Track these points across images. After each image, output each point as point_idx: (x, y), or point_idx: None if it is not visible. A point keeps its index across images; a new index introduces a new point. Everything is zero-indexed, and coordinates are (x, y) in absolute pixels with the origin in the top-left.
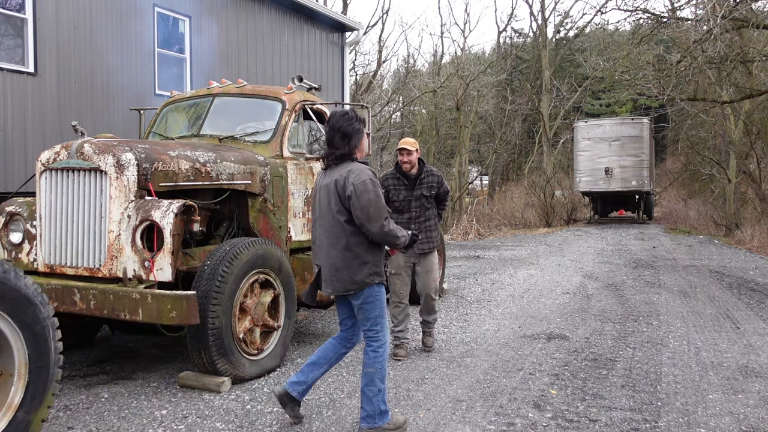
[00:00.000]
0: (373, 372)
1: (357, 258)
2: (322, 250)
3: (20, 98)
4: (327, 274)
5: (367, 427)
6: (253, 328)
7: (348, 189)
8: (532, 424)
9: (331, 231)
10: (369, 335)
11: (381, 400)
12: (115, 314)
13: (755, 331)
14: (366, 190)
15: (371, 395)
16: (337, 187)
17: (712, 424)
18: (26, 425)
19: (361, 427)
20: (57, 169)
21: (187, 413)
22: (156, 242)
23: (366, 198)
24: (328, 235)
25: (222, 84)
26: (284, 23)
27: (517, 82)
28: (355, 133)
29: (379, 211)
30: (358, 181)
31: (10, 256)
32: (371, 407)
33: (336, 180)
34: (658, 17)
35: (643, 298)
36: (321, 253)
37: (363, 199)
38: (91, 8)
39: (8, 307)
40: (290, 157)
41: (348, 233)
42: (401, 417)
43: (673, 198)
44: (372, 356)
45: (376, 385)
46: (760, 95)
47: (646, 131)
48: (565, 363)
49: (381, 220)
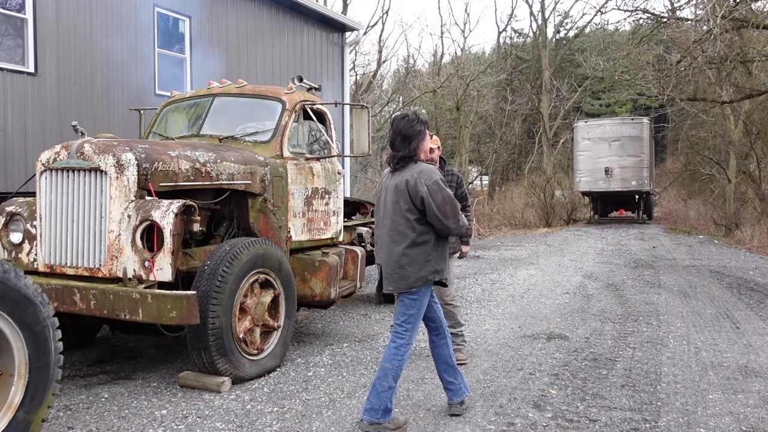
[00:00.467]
0: (389, 368)
1: (422, 255)
2: (384, 249)
3: (20, 98)
4: (389, 272)
5: (368, 420)
6: (253, 328)
7: (421, 190)
8: (532, 424)
9: (396, 229)
10: (398, 331)
11: (388, 398)
12: (115, 314)
13: (755, 331)
14: (440, 189)
15: (381, 390)
16: (408, 187)
17: (712, 424)
18: (26, 425)
19: (362, 419)
20: (57, 169)
21: (187, 413)
22: (156, 242)
23: (441, 197)
24: (391, 234)
25: (222, 84)
26: (284, 23)
27: (517, 82)
28: (415, 135)
29: (454, 208)
30: (430, 182)
31: (11, 256)
32: (378, 402)
33: (407, 180)
34: (658, 17)
35: (643, 298)
36: (382, 252)
37: (438, 198)
38: (91, 8)
39: (8, 307)
40: (290, 157)
41: (417, 231)
42: (402, 418)
43: (673, 198)
44: (393, 353)
45: (388, 382)
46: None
47: (646, 131)
48: (565, 363)
49: (457, 215)
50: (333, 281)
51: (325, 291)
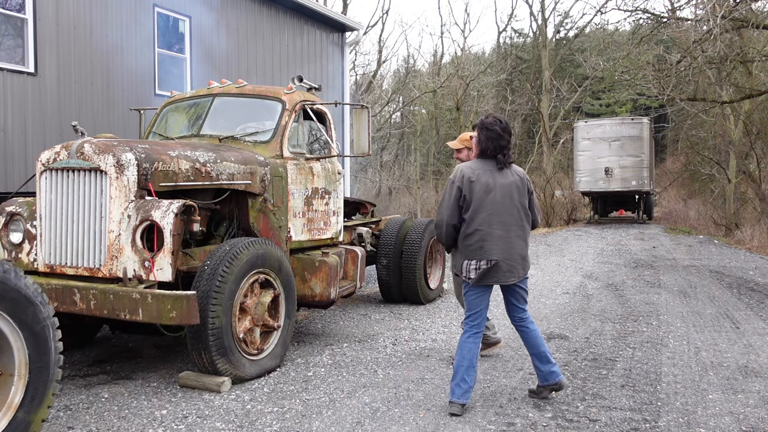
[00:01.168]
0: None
1: (527, 246)
2: (503, 243)
3: (20, 98)
4: (512, 264)
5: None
6: (253, 328)
7: (530, 186)
8: (532, 424)
9: (518, 224)
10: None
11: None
12: (115, 314)
13: (755, 331)
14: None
15: (549, 355)
16: (522, 184)
17: (712, 424)
18: (26, 425)
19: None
20: (57, 169)
21: (187, 413)
22: (156, 242)
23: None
24: (514, 228)
25: (222, 84)
26: (284, 23)
27: (517, 82)
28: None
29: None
30: (528, 179)
31: (11, 256)
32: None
33: (521, 178)
34: (658, 17)
35: (643, 298)
36: (500, 247)
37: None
38: (91, 8)
39: (8, 307)
40: (290, 157)
41: (528, 225)
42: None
43: (673, 198)
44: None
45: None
46: (760, 95)
47: (646, 131)
48: (565, 363)
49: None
50: (333, 281)
51: (325, 291)
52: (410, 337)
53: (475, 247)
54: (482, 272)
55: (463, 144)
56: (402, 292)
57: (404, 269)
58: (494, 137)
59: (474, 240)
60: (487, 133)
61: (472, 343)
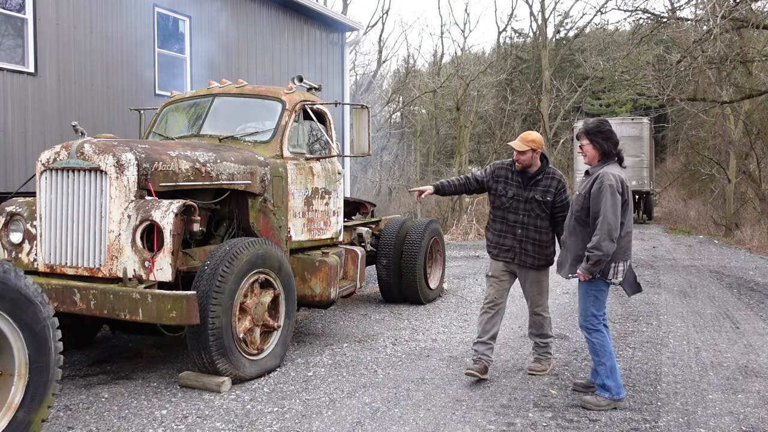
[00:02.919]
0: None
1: None
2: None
3: (20, 98)
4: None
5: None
6: (253, 328)
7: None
8: (532, 424)
9: None
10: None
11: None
12: (115, 314)
13: (755, 331)
14: None
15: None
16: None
17: (712, 424)
18: (26, 425)
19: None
20: (57, 169)
21: (187, 413)
22: (156, 242)
23: None
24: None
25: (222, 84)
26: (284, 23)
27: (517, 82)
28: None
29: None
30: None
31: (11, 256)
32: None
33: None
34: (658, 17)
35: (643, 298)
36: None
37: None
38: (91, 8)
39: (8, 307)
40: (290, 157)
41: None
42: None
43: (673, 198)
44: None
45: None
46: (760, 95)
47: (646, 131)
48: (565, 363)
49: None
50: (333, 281)
51: (325, 291)
52: (410, 337)
53: (626, 247)
54: (629, 273)
55: (528, 146)
56: (402, 292)
57: (404, 269)
58: (610, 137)
59: (625, 242)
60: (604, 135)
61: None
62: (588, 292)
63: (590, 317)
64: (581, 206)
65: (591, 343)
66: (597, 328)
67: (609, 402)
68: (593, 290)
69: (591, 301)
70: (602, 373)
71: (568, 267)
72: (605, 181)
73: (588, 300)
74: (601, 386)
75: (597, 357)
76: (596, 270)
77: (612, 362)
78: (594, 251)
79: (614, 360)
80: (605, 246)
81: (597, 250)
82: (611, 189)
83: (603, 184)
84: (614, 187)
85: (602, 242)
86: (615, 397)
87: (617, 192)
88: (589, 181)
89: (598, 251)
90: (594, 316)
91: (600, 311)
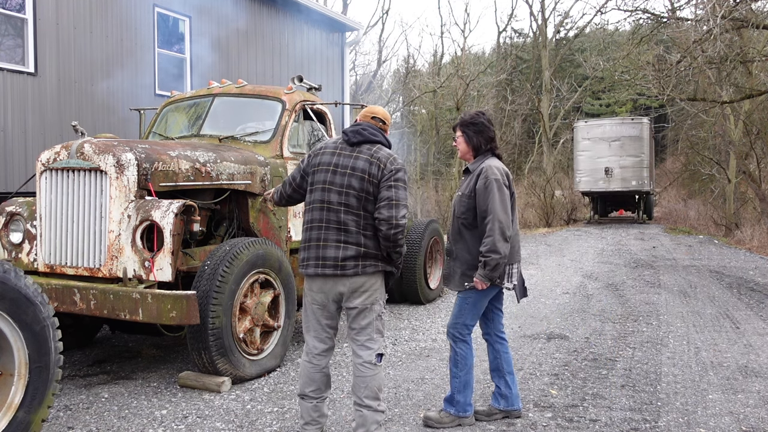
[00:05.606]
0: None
1: None
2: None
3: (20, 98)
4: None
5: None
6: (253, 328)
7: None
8: (532, 424)
9: None
10: None
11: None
12: (115, 314)
13: (755, 331)
14: None
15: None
16: None
17: (712, 424)
18: (26, 425)
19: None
20: (57, 169)
21: (187, 413)
22: (156, 242)
23: None
24: None
25: (222, 84)
26: (284, 23)
27: (517, 82)
28: None
29: None
30: None
31: (11, 256)
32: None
33: None
34: (658, 17)
35: (643, 298)
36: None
37: None
38: (91, 8)
39: (8, 307)
40: (290, 157)
41: None
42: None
43: (673, 198)
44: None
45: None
46: (760, 95)
47: (646, 131)
48: (565, 363)
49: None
50: None
51: None
52: (410, 337)
53: (517, 247)
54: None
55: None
56: (402, 292)
57: (404, 269)
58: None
59: (515, 241)
60: (477, 128)
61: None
62: (467, 298)
63: (461, 326)
64: (466, 207)
65: (454, 352)
66: (464, 338)
67: (453, 419)
68: (473, 297)
69: (468, 308)
70: (454, 387)
71: (459, 278)
72: (490, 176)
73: (465, 307)
74: (449, 400)
75: (455, 369)
76: (495, 275)
77: (468, 377)
78: (490, 255)
79: (471, 376)
80: (501, 247)
81: (494, 253)
82: (497, 183)
83: (488, 179)
84: (500, 181)
85: (497, 243)
86: (460, 414)
87: (504, 186)
88: (471, 178)
89: (495, 254)
90: (465, 326)
91: (473, 322)
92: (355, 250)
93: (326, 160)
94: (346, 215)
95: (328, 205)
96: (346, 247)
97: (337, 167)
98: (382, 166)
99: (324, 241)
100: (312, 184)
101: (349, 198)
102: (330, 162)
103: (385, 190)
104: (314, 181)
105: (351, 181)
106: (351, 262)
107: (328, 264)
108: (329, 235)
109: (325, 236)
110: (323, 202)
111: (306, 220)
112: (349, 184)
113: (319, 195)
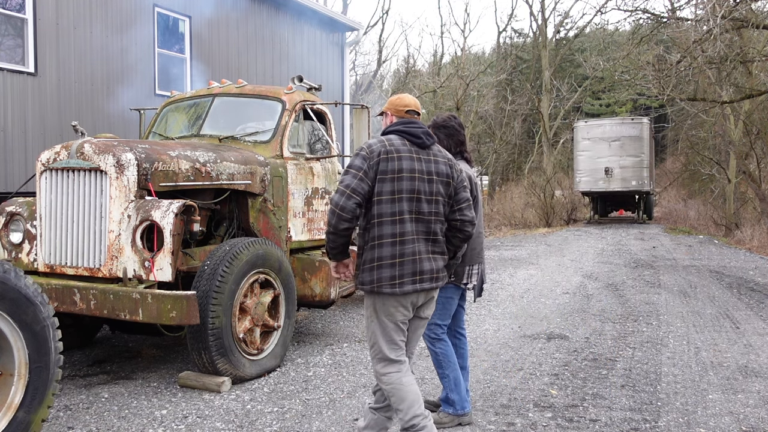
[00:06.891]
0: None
1: None
2: None
3: (20, 98)
4: None
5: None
6: (253, 328)
7: None
8: (532, 424)
9: None
10: None
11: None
12: (115, 314)
13: (755, 331)
14: None
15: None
16: None
17: (712, 424)
18: (26, 425)
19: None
20: (57, 169)
21: (187, 413)
22: (156, 242)
23: None
24: None
25: (222, 84)
26: (284, 23)
27: (517, 82)
28: None
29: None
30: None
31: (10, 256)
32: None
33: None
34: (658, 17)
35: (643, 298)
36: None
37: None
38: (91, 8)
39: (8, 307)
40: (290, 157)
41: None
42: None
43: (673, 198)
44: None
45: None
46: (760, 95)
47: (646, 131)
48: (565, 363)
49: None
50: (333, 281)
51: (325, 291)
52: None
53: (479, 249)
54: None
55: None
56: None
57: None
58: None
59: (478, 243)
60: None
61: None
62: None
63: (433, 326)
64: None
65: (434, 353)
66: (440, 337)
67: (452, 418)
68: (441, 297)
69: (438, 309)
70: (446, 386)
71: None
72: None
73: (435, 308)
74: (445, 400)
75: (441, 369)
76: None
77: (456, 374)
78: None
79: (458, 372)
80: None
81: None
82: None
83: None
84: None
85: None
86: (459, 412)
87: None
88: None
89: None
90: (437, 325)
91: (444, 321)
92: (443, 259)
93: (407, 166)
94: (435, 224)
95: (417, 216)
96: (435, 258)
97: (422, 173)
98: (455, 166)
99: (418, 254)
100: (393, 192)
101: (438, 206)
102: (413, 168)
103: (462, 191)
104: (395, 189)
105: (438, 187)
106: (443, 274)
107: (425, 278)
108: (420, 247)
109: (418, 249)
110: (412, 212)
111: (387, 234)
112: (438, 191)
113: (407, 205)
